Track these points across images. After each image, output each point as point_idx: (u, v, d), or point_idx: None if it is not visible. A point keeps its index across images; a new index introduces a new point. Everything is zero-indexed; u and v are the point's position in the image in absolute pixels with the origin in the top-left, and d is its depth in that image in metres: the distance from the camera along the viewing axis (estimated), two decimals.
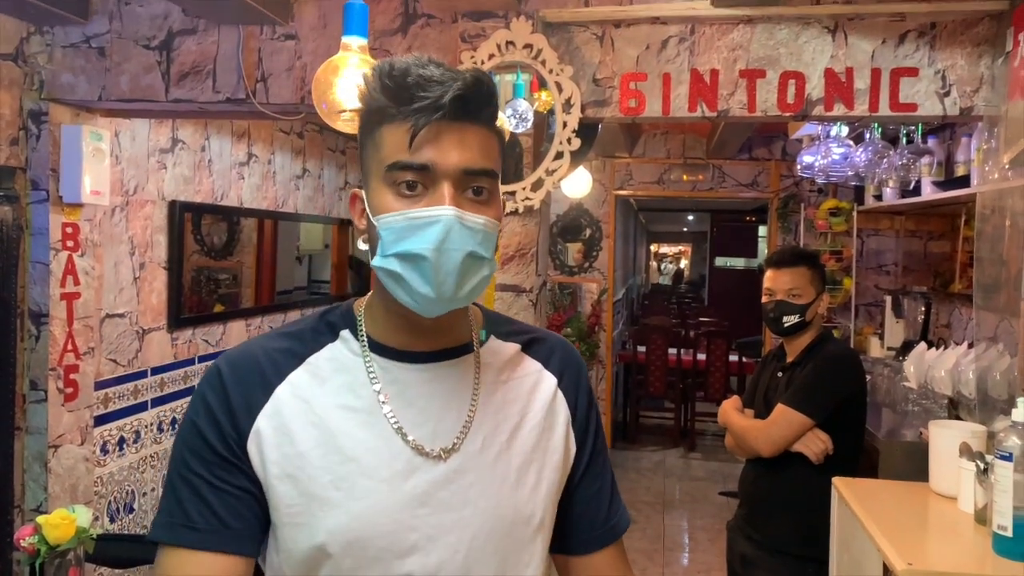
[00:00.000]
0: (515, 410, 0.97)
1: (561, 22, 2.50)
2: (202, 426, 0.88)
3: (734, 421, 2.56)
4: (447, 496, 0.89)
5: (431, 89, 0.82)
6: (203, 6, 2.60)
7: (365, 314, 0.96)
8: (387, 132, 0.86)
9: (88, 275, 2.93)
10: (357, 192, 0.92)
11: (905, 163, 3.19)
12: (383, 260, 0.86)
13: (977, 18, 2.30)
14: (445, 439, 0.91)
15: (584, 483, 1.03)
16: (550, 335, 1.08)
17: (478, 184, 0.87)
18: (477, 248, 0.86)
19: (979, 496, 1.85)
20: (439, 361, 0.94)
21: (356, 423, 0.89)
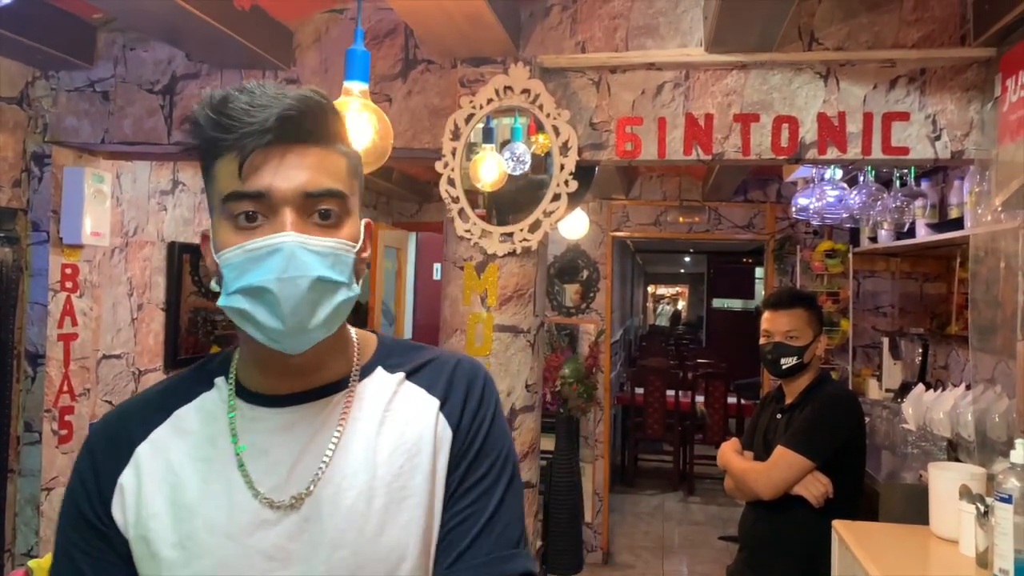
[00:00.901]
0: (387, 446, 0.88)
1: (558, 68, 2.55)
2: (76, 495, 0.87)
3: (734, 463, 2.54)
4: (298, 548, 0.83)
5: (256, 114, 0.78)
6: (206, 51, 2.65)
7: (238, 359, 0.91)
8: (219, 165, 0.82)
9: (86, 316, 2.94)
10: (207, 232, 0.86)
11: (899, 205, 3.22)
12: (227, 299, 0.81)
13: (966, 64, 2.35)
14: (297, 486, 0.85)
15: (455, 504, 0.90)
16: (444, 355, 0.98)
17: (324, 207, 0.82)
18: (327, 272, 0.80)
19: (980, 539, 1.84)
20: (307, 402, 0.88)
21: (208, 477, 0.85)
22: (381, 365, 0.93)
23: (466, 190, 2.56)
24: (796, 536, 2.37)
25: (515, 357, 2.55)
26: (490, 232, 2.54)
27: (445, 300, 2.63)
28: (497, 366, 2.54)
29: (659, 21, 2.50)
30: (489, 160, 2.57)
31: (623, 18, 2.52)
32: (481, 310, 2.55)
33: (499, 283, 2.55)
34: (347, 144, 0.88)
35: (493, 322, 2.55)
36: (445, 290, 2.64)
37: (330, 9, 2.70)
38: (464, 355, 1.00)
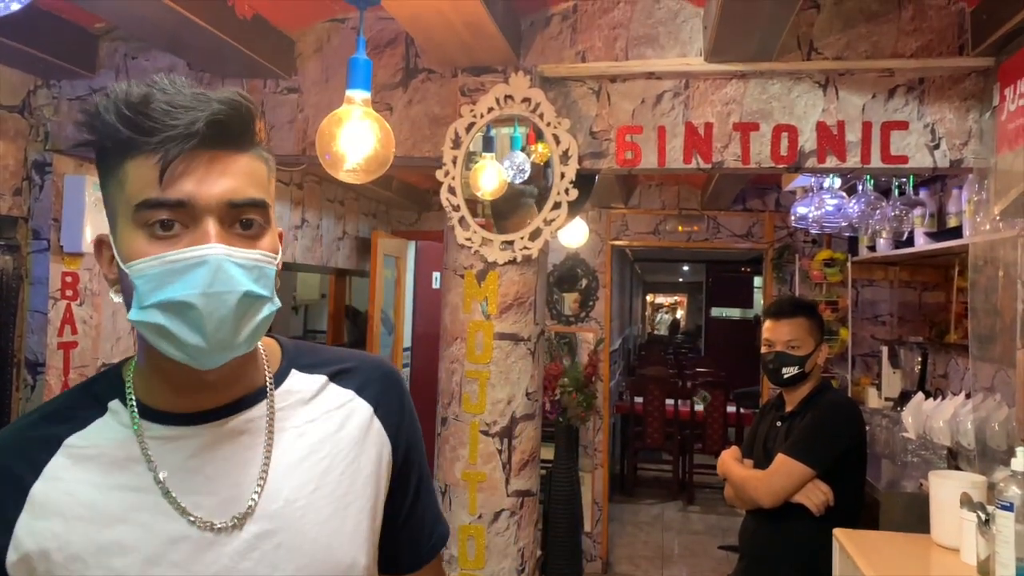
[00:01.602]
0: (323, 452, 0.86)
1: (558, 77, 2.56)
2: None
3: (734, 471, 2.53)
4: (251, 566, 0.79)
5: (180, 116, 0.73)
6: (208, 60, 2.66)
7: (135, 378, 0.83)
8: (132, 167, 0.74)
9: (86, 324, 2.93)
10: (103, 237, 0.80)
11: (897, 214, 3.23)
12: (141, 313, 0.74)
13: (964, 74, 2.36)
14: (238, 504, 0.80)
15: (412, 509, 0.96)
16: (365, 358, 0.96)
17: (247, 216, 0.77)
18: (253, 287, 0.76)
19: (981, 547, 1.83)
20: (227, 417, 0.83)
21: (129, 507, 0.78)
22: (294, 367, 0.91)
23: (467, 199, 2.56)
24: (796, 545, 2.37)
25: (515, 365, 2.55)
26: (491, 240, 2.55)
27: (445, 308, 2.64)
28: (497, 374, 2.54)
29: (659, 31, 2.51)
30: (489, 169, 2.58)
31: (623, 28, 2.53)
32: (481, 318, 2.56)
33: (499, 291, 2.56)
34: (265, 147, 0.82)
35: (493, 330, 2.55)
36: (445, 298, 2.64)
37: (331, 18, 2.71)
38: (378, 357, 1.00)
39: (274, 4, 2.51)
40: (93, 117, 0.75)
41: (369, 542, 0.88)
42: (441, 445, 2.62)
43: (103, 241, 0.80)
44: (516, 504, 2.56)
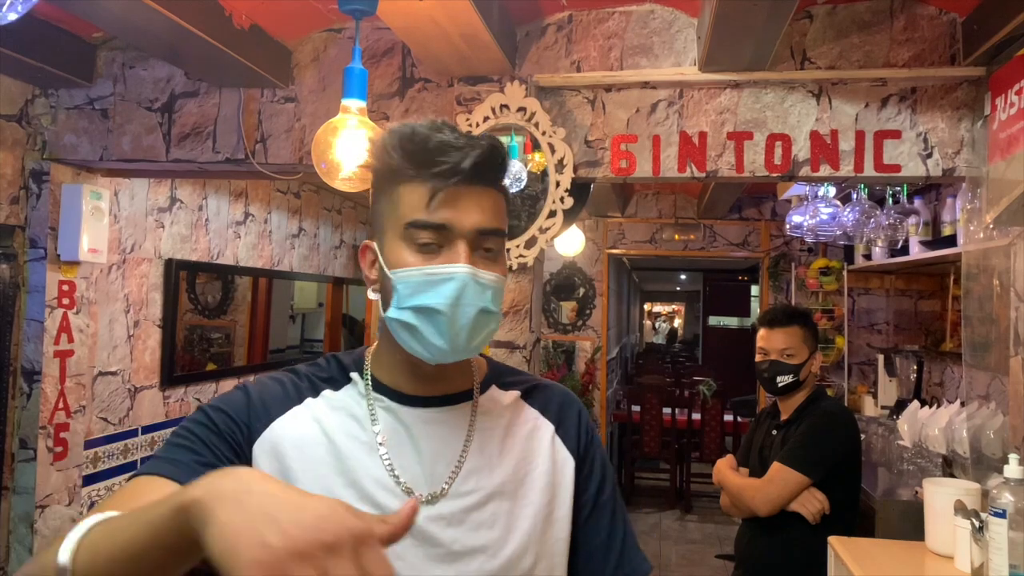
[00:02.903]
0: (513, 456, 0.99)
1: (554, 86, 2.58)
2: (213, 415, 0.92)
3: (730, 480, 2.53)
4: (443, 538, 0.92)
5: (450, 155, 0.88)
6: (205, 70, 2.67)
7: (372, 360, 1.00)
8: (405, 192, 0.90)
9: (82, 333, 2.94)
10: (369, 244, 0.97)
11: (892, 222, 3.25)
12: (399, 312, 0.91)
13: (956, 83, 2.38)
14: (433, 484, 0.94)
15: (589, 530, 1.03)
16: (551, 384, 1.10)
17: (489, 244, 0.92)
18: (488, 304, 0.91)
19: (975, 555, 1.84)
20: (439, 406, 0.97)
21: (355, 452, 0.93)
22: (495, 383, 1.04)
23: None
24: (792, 553, 2.37)
25: None
26: None
27: None
28: None
29: (653, 41, 2.53)
30: None
31: (618, 38, 2.55)
32: None
33: None
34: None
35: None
36: None
37: (328, 28, 2.72)
38: (560, 385, 1.13)
39: (271, 14, 2.52)
40: (379, 148, 0.92)
41: (540, 544, 0.98)
42: None
43: (368, 247, 0.97)
44: None
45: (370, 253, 0.97)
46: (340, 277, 5.33)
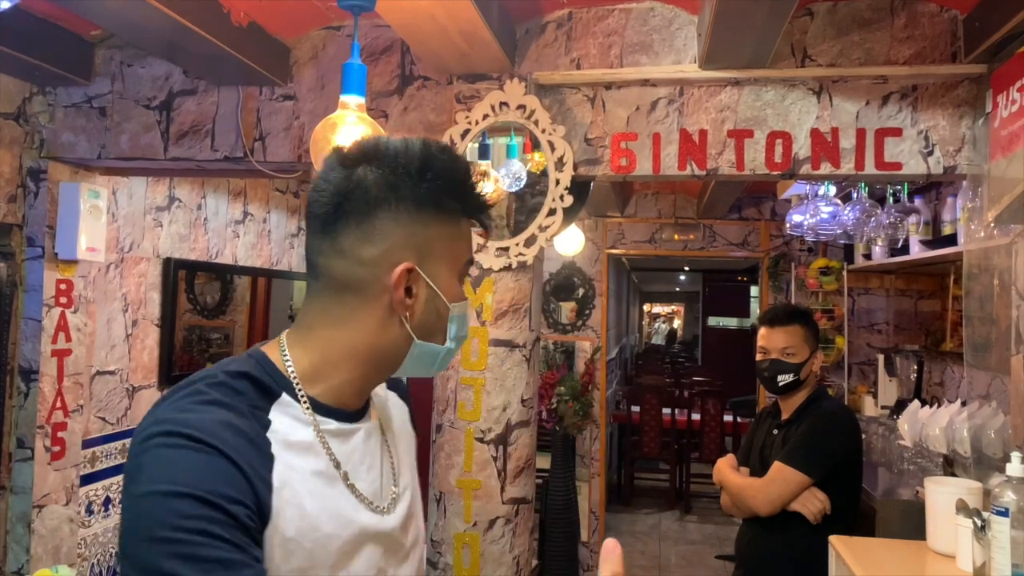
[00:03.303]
0: (404, 444, 1.04)
1: (553, 84, 2.57)
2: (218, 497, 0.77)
3: (731, 480, 2.52)
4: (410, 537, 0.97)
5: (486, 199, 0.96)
6: (204, 68, 2.67)
7: (305, 376, 0.89)
8: (468, 228, 0.95)
9: (80, 332, 2.93)
10: (413, 267, 0.89)
11: (892, 221, 3.24)
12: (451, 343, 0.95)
13: (957, 80, 2.37)
14: (386, 492, 0.94)
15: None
16: None
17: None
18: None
19: (977, 554, 1.83)
20: (363, 418, 0.94)
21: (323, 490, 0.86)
22: None
23: None
24: (793, 553, 2.36)
25: (511, 372, 2.55)
26: (485, 246, 2.55)
27: None
28: (492, 381, 2.53)
29: (653, 38, 2.52)
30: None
31: (617, 35, 2.54)
32: (476, 324, 2.55)
33: (495, 297, 2.55)
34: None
35: (488, 337, 2.54)
36: None
37: (327, 26, 2.72)
38: None
39: (269, 11, 2.52)
40: (459, 181, 0.92)
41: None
42: (436, 452, 2.61)
43: (414, 270, 0.90)
44: (511, 512, 2.55)
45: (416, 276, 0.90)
46: None
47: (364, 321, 0.89)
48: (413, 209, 0.89)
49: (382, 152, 0.89)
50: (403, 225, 0.89)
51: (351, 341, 0.90)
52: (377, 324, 0.90)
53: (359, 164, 0.89)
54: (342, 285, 0.90)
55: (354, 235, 0.88)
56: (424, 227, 0.89)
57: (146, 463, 0.77)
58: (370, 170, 0.88)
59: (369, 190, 0.88)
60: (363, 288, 0.89)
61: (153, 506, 0.74)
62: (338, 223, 0.89)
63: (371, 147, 0.90)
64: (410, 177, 0.88)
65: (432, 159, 0.90)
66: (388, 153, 0.89)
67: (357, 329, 0.90)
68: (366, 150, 0.90)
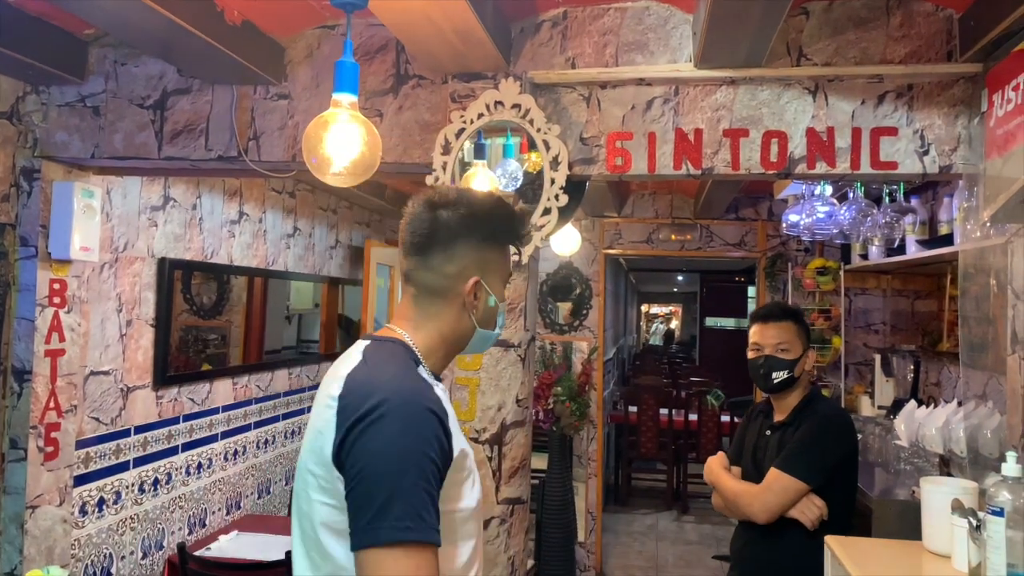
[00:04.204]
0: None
1: (549, 83, 2.56)
2: (432, 452, 1.14)
3: (725, 483, 2.49)
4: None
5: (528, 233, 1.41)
6: (198, 66, 2.66)
7: (423, 354, 1.30)
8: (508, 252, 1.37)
9: (74, 332, 2.91)
10: (479, 280, 1.31)
11: (888, 221, 3.24)
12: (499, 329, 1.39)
13: (952, 80, 2.37)
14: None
15: None
16: None
17: None
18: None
19: (973, 554, 1.82)
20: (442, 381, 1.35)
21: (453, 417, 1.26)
22: None
23: None
24: (789, 557, 2.34)
25: (505, 372, 2.54)
26: None
27: None
28: (487, 380, 2.53)
29: (648, 37, 2.52)
30: (480, 176, 2.57)
31: (613, 34, 2.53)
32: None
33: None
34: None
35: None
36: None
37: (322, 25, 2.71)
38: None
39: (264, 10, 2.51)
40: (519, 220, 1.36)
41: None
42: None
43: (479, 282, 1.31)
44: (506, 512, 2.54)
45: (480, 286, 1.31)
46: (336, 277, 5.31)
47: (447, 316, 1.31)
48: (482, 241, 1.31)
49: (462, 200, 1.31)
50: (474, 251, 1.30)
51: (440, 330, 1.31)
52: (455, 318, 1.31)
53: (440, 208, 1.29)
54: (431, 291, 1.31)
55: (440, 257, 1.29)
56: (487, 253, 1.32)
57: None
58: (450, 212, 1.29)
59: (452, 227, 1.29)
60: (445, 294, 1.30)
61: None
62: (428, 249, 1.29)
63: (453, 196, 1.31)
64: (481, 220, 1.30)
65: (496, 208, 1.32)
66: (464, 201, 1.30)
67: (444, 321, 1.31)
68: (449, 198, 1.31)
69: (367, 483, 1.09)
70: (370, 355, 1.24)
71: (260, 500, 4.31)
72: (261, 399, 4.33)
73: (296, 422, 4.76)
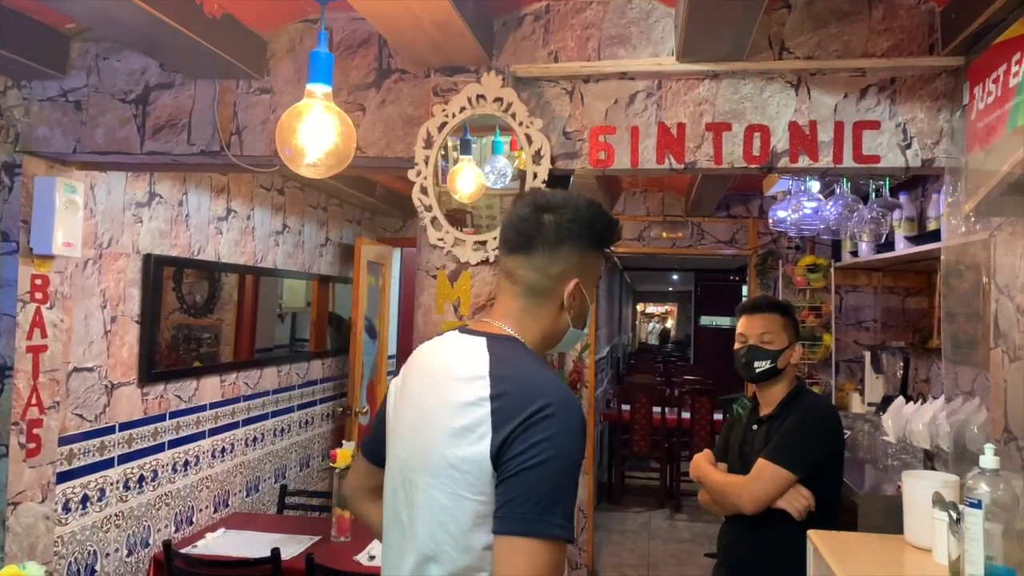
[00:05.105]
0: None
1: (531, 77, 2.55)
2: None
3: (713, 477, 2.49)
4: None
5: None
6: (180, 61, 2.65)
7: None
8: (599, 258, 1.42)
9: (56, 328, 2.90)
10: (579, 282, 1.35)
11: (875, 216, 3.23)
12: (586, 328, 1.43)
13: (935, 73, 2.36)
14: None
15: None
16: None
17: None
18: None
19: (953, 547, 1.81)
20: None
21: None
22: None
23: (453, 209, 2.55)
24: (776, 550, 2.33)
25: None
26: (463, 240, 2.53)
27: (419, 309, 2.62)
28: None
29: (631, 31, 2.51)
30: (466, 171, 2.57)
31: (595, 28, 2.52)
32: (454, 319, 2.53)
33: (472, 291, 2.54)
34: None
35: None
36: (419, 299, 2.62)
37: (304, 19, 2.70)
38: None
39: (244, 4, 2.49)
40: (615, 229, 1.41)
41: None
42: None
43: (578, 284, 1.35)
44: None
45: (578, 289, 1.36)
46: (326, 275, 5.30)
47: (548, 314, 1.35)
48: (584, 246, 1.35)
49: (568, 205, 1.34)
50: (577, 254, 1.34)
51: (541, 327, 1.35)
52: (555, 317, 1.35)
53: (544, 211, 1.33)
54: (533, 290, 1.34)
55: (546, 258, 1.33)
56: (587, 257, 1.36)
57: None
58: (555, 216, 1.33)
59: (558, 230, 1.32)
60: (547, 293, 1.34)
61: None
62: (533, 249, 1.33)
63: (559, 200, 1.35)
64: (584, 225, 1.34)
65: (598, 216, 1.37)
66: (569, 206, 1.34)
67: (544, 318, 1.35)
68: (554, 202, 1.35)
69: (534, 477, 1.15)
70: (501, 351, 1.27)
71: (249, 498, 4.30)
72: (250, 396, 4.31)
73: (286, 420, 4.74)
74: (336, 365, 5.49)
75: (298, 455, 4.92)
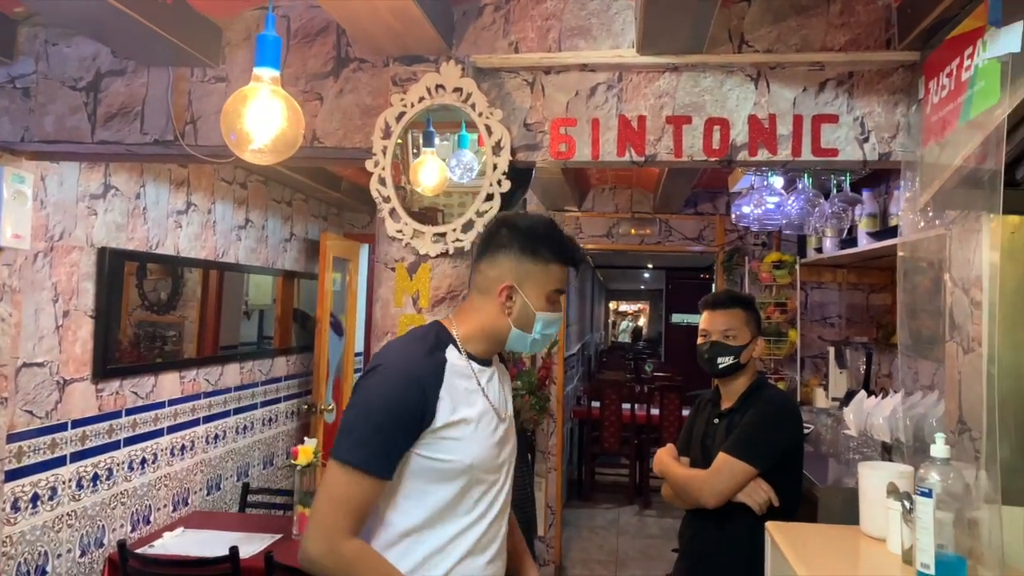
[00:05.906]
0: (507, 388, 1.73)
1: (491, 68, 2.53)
2: (410, 408, 1.47)
3: (674, 471, 2.49)
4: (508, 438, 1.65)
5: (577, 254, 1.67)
6: (132, 48, 2.58)
7: (462, 338, 1.60)
8: (557, 269, 1.61)
9: (4, 322, 2.82)
10: (512, 286, 1.58)
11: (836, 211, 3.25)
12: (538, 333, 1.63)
13: (892, 68, 2.38)
14: (505, 409, 1.66)
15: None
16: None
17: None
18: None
19: (906, 536, 1.82)
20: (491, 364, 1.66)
21: (475, 400, 1.56)
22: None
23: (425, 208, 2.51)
24: (737, 543, 2.33)
25: None
26: (422, 232, 2.50)
27: (377, 302, 2.58)
28: None
29: (592, 22, 2.49)
30: (429, 164, 2.53)
31: (556, 19, 2.50)
32: (413, 312, 2.50)
33: (431, 284, 2.51)
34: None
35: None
36: (377, 292, 2.58)
37: (260, 7, 2.65)
38: None
39: None
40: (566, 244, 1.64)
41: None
42: None
43: (513, 287, 1.58)
44: None
45: (515, 292, 1.58)
46: (291, 271, 5.23)
47: (487, 312, 1.60)
48: (518, 253, 1.58)
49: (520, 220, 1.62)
50: (511, 260, 1.58)
51: (480, 322, 1.60)
52: (494, 315, 1.59)
53: (503, 226, 1.61)
54: (478, 289, 1.62)
55: (487, 262, 1.60)
56: (523, 264, 1.58)
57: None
58: (505, 229, 1.60)
59: (499, 240, 1.59)
60: (486, 293, 1.60)
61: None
62: (482, 254, 1.62)
63: (520, 217, 1.66)
64: (522, 235, 1.58)
65: (538, 228, 1.60)
66: (522, 222, 1.62)
67: (484, 315, 1.60)
68: (514, 218, 1.64)
69: (345, 416, 1.48)
70: (409, 332, 1.66)
71: (209, 496, 4.22)
72: (211, 393, 4.24)
73: (248, 417, 4.67)
74: (301, 362, 5.43)
75: (261, 453, 4.85)
